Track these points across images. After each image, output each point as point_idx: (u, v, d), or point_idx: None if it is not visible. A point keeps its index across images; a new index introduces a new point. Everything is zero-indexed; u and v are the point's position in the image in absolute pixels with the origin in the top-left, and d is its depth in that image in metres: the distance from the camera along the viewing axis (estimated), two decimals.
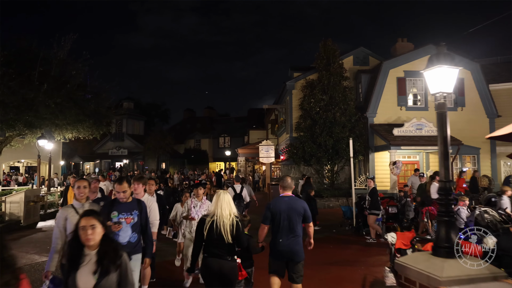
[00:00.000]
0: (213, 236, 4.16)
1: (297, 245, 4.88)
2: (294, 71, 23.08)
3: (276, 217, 4.89)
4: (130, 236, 4.45)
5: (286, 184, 5.11)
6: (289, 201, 4.96)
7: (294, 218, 4.87)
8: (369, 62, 21.54)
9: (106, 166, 44.17)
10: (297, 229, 4.89)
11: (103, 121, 19.96)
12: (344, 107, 18.40)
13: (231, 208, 4.32)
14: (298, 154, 18.75)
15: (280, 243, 4.84)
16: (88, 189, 4.57)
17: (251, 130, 36.18)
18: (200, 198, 6.82)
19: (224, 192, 4.47)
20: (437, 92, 4.24)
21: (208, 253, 4.23)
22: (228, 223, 4.18)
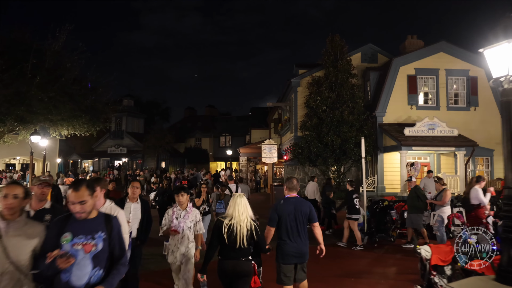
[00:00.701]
0: (229, 239, 4.19)
1: (305, 247, 4.88)
2: (299, 68, 22.27)
3: (283, 219, 4.84)
4: (90, 274, 2.88)
5: (292, 186, 5.05)
6: (295, 203, 4.92)
7: (301, 220, 4.85)
8: (377, 59, 20.71)
9: (105, 165, 43.35)
10: (305, 231, 4.89)
11: (100, 117, 19.16)
12: (352, 105, 17.58)
13: (247, 212, 4.35)
14: (303, 154, 17.92)
15: (289, 245, 4.80)
16: (19, 201, 2.99)
17: (253, 129, 35.37)
18: (184, 207, 5.41)
19: (240, 195, 4.46)
20: (504, 76, 3.40)
21: (223, 256, 4.27)
22: (246, 227, 4.24)
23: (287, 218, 4.82)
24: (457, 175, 16.13)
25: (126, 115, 44.69)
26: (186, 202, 5.42)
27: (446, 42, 18.04)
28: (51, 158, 29.38)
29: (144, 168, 38.35)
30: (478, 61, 17.91)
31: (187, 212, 5.38)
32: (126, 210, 5.34)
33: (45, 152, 20.37)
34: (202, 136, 49.09)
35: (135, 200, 5.55)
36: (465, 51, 18.03)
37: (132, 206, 5.51)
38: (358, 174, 19.67)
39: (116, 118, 44.84)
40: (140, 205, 5.59)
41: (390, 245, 10.25)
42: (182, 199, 5.35)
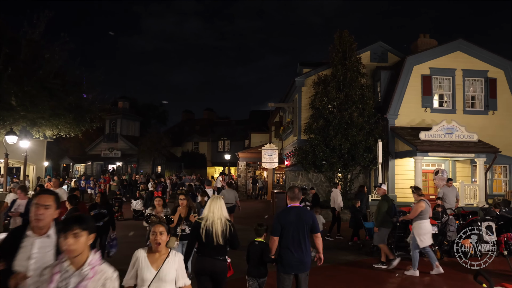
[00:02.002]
0: (206, 238, 4.48)
1: (307, 257, 4.84)
2: (304, 66, 20.95)
3: (285, 229, 4.82)
4: None
5: (294, 195, 5.02)
6: (298, 212, 4.90)
7: (304, 230, 4.83)
8: (388, 58, 19.37)
9: (98, 169, 41.83)
10: (307, 241, 4.86)
11: (85, 116, 17.68)
12: (362, 106, 16.21)
13: (222, 213, 4.61)
14: (308, 159, 16.50)
15: (292, 255, 4.77)
16: None
17: (253, 133, 33.92)
18: (77, 263, 2.44)
19: (217, 197, 4.77)
20: None
21: (202, 253, 4.56)
22: (221, 227, 4.51)
23: (290, 228, 4.79)
24: (476, 184, 14.72)
25: (120, 117, 43.25)
26: (82, 249, 2.45)
27: (464, 40, 16.70)
28: (37, 161, 27.79)
29: (140, 172, 36.83)
30: (498, 62, 16.61)
31: (82, 278, 2.41)
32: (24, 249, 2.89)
33: (26, 154, 18.83)
34: (200, 140, 47.63)
35: (42, 232, 2.96)
36: (484, 51, 16.71)
37: (36, 242, 2.93)
38: (366, 181, 18.28)
39: (110, 120, 43.44)
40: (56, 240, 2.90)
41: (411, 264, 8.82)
42: (72, 244, 2.39)
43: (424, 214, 8.01)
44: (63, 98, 15.79)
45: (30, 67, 14.73)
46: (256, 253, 5.14)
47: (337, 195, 12.39)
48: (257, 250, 5.14)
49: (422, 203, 8.04)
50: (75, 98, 16.44)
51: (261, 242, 5.22)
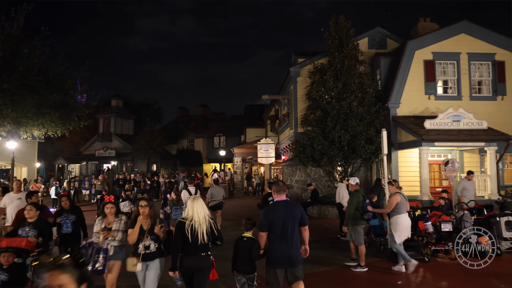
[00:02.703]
0: (191, 238, 4.60)
1: (296, 250, 4.78)
2: (299, 56, 19.94)
3: (273, 223, 4.74)
4: None
5: (280, 188, 4.97)
6: (286, 206, 4.83)
7: (292, 223, 4.75)
8: (387, 45, 18.35)
9: (93, 168, 40.83)
10: (296, 235, 4.79)
11: (72, 115, 16.66)
12: (361, 95, 15.21)
13: (204, 211, 4.77)
14: (305, 153, 15.49)
15: (279, 250, 4.71)
16: None
17: (248, 128, 32.92)
18: None
19: (196, 197, 4.89)
20: None
21: (186, 253, 4.66)
22: (205, 225, 4.69)
23: (278, 223, 4.71)
24: (487, 174, 13.77)
25: (114, 116, 42.29)
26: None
27: (468, 21, 15.68)
28: (29, 162, 26.87)
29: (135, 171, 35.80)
30: (506, 44, 15.62)
31: None
32: None
33: (13, 155, 17.84)
34: (195, 137, 46.54)
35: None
36: (490, 32, 15.69)
37: None
38: (367, 175, 17.34)
39: (104, 119, 42.55)
40: None
41: (424, 266, 7.87)
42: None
43: (400, 207, 7.56)
44: (47, 96, 14.78)
45: (10, 64, 13.73)
46: (244, 249, 5.05)
47: (343, 190, 11.39)
48: (245, 246, 5.05)
49: (397, 196, 7.62)
50: (60, 95, 15.40)
51: (250, 238, 5.14)
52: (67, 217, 6.71)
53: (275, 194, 4.99)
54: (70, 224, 6.57)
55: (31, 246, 5.47)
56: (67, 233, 6.56)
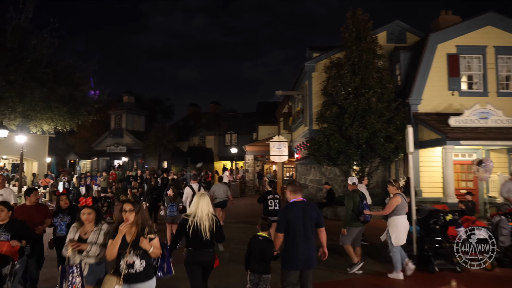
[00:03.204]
0: (196, 233, 4.65)
1: (313, 252, 4.72)
2: (313, 51, 19.19)
3: (291, 224, 4.67)
4: None
5: (296, 188, 4.91)
6: (303, 207, 4.77)
7: (310, 224, 4.71)
8: (406, 39, 17.50)
9: (104, 164, 40.63)
10: (313, 236, 4.74)
11: (81, 109, 16.21)
12: (380, 91, 14.43)
13: (209, 208, 4.82)
14: (321, 151, 14.77)
15: (298, 251, 4.63)
16: None
17: (260, 125, 32.19)
18: None
19: (202, 194, 4.97)
20: None
21: (193, 248, 4.73)
22: (208, 222, 4.72)
23: (296, 223, 4.65)
24: None
25: (126, 112, 42.03)
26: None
27: (495, 13, 14.78)
28: (40, 157, 26.59)
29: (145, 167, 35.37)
30: None
31: None
32: None
33: (22, 150, 17.49)
34: (207, 134, 46.06)
35: None
36: None
37: None
38: (385, 175, 16.56)
39: (115, 115, 42.36)
40: None
41: (457, 277, 7.14)
42: None
43: (400, 209, 7.27)
44: (55, 89, 14.35)
45: (18, 56, 13.31)
46: (259, 248, 4.97)
47: (362, 191, 10.68)
48: (260, 246, 4.97)
49: (398, 197, 7.31)
50: (68, 89, 14.96)
51: (265, 238, 5.06)
52: (62, 218, 6.11)
53: (291, 195, 4.88)
54: (65, 227, 5.94)
55: (13, 252, 4.83)
56: (61, 236, 5.86)
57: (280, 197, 9.76)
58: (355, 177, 8.33)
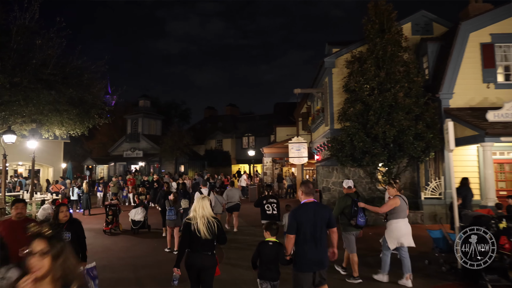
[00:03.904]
0: (195, 236, 4.72)
1: (325, 254, 4.68)
2: (333, 46, 18.12)
3: (302, 225, 4.57)
4: None
5: (309, 190, 4.79)
6: (314, 208, 4.67)
7: (321, 226, 4.61)
8: (433, 30, 16.33)
9: (121, 169, 40.24)
10: (325, 237, 4.67)
11: (91, 112, 15.52)
12: (408, 85, 13.33)
13: (208, 211, 4.87)
14: (344, 151, 13.73)
15: (310, 253, 4.55)
16: None
17: (278, 127, 31.24)
18: None
19: (203, 198, 4.99)
20: None
21: (192, 249, 4.78)
22: (207, 225, 4.76)
23: (307, 225, 4.55)
24: None
25: (142, 117, 41.62)
26: None
27: None
28: (55, 163, 26.26)
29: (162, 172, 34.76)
30: None
31: None
32: None
33: (34, 155, 17.00)
34: (223, 137, 45.36)
35: None
36: None
37: None
38: (413, 176, 15.41)
39: (132, 119, 42.05)
40: None
41: None
42: None
43: (398, 212, 6.92)
44: (63, 91, 13.69)
45: (25, 57, 12.69)
46: (269, 254, 4.82)
47: None
48: (271, 251, 4.82)
49: (397, 199, 6.94)
50: (77, 91, 14.28)
51: (276, 243, 4.88)
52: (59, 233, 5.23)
53: (303, 196, 4.80)
54: None
55: None
56: None
57: (277, 201, 9.73)
58: (351, 181, 7.96)
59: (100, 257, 9.19)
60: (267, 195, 9.71)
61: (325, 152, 18.94)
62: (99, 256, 9.27)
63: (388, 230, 6.99)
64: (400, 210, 6.91)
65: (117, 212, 13.33)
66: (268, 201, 9.51)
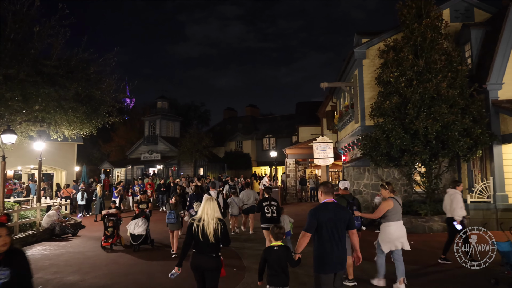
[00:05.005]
0: (199, 237, 4.69)
1: (345, 254, 4.57)
2: (362, 36, 16.67)
3: (323, 226, 4.44)
4: None
5: (328, 190, 4.71)
6: (335, 208, 4.58)
7: (341, 226, 4.51)
8: (474, 16, 14.76)
9: (139, 173, 39.47)
10: (344, 237, 4.55)
11: (100, 109, 14.41)
12: (451, 75, 11.83)
13: (214, 213, 4.81)
14: (379, 150, 12.30)
15: (331, 253, 4.42)
16: None
17: (301, 127, 29.85)
18: None
19: (210, 199, 4.94)
20: None
21: (196, 251, 4.77)
22: (213, 226, 4.72)
23: (327, 225, 4.43)
24: None
25: (160, 118, 40.80)
26: None
27: None
28: (68, 166, 25.43)
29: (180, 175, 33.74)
30: None
31: None
32: None
33: (41, 157, 16.05)
34: (243, 138, 44.19)
35: None
36: None
37: None
38: (454, 177, 13.83)
39: (149, 121, 41.28)
40: None
41: None
42: None
43: (391, 214, 6.66)
44: (67, 86, 12.61)
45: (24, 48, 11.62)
46: (277, 259, 4.65)
47: (457, 199, 8.24)
48: (278, 256, 4.65)
49: (390, 202, 6.69)
50: (83, 86, 13.17)
51: (281, 246, 4.75)
52: None
53: (322, 196, 4.71)
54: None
55: None
56: None
57: (277, 203, 9.48)
58: (347, 181, 7.42)
59: None
60: (267, 197, 9.51)
61: (354, 151, 17.51)
62: None
63: (382, 233, 6.76)
64: (393, 213, 6.64)
65: (118, 223, 11.26)
66: (269, 204, 9.28)
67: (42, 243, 12.28)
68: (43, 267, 9.12)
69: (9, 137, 11.94)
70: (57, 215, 13.62)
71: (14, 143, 12.45)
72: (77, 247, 11.45)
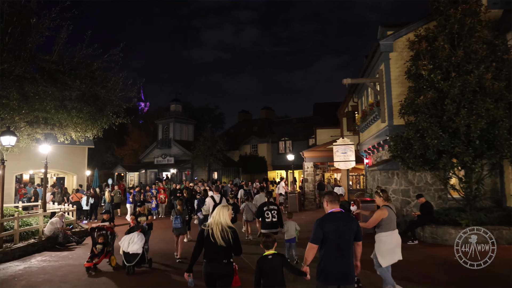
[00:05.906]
0: (210, 245, 4.65)
1: (351, 267, 4.36)
2: (387, 28, 15.37)
3: (329, 236, 4.30)
4: None
5: (334, 198, 4.60)
6: (342, 218, 4.41)
7: (349, 237, 4.34)
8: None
9: (152, 177, 38.60)
10: (351, 249, 4.40)
11: (105, 110, 13.39)
12: (496, 65, 10.42)
13: (225, 220, 4.76)
14: (412, 151, 10.92)
15: (335, 265, 4.25)
16: None
17: (319, 129, 28.46)
18: None
19: (222, 206, 4.88)
20: None
21: (207, 258, 4.72)
22: (223, 234, 4.64)
23: (334, 235, 4.28)
24: None
25: (173, 121, 39.93)
26: None
27: None
28: (79, 170, 24.60)
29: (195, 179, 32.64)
30: None
31: None
32: None
33: (46, 161, 15.13)
34: (259, 142, 42.97)
35: None
36: None
37: None
38: (495, 181, 12.38)
39: (163, 125, 40.51)
40: None
41: None
42: None
43: (385, 224, 6.29)
44: (69, 84, 11.64)
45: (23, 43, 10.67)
46: (273, 268, 4.49)
47: None
48: (273, 265, 4.50)
49: (384, 210, 6.29)
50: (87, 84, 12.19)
51: (275, 254, 4.59)
52: None
53: (328, 205, 4.55)
54: None
55: None
56: None
57: (278, 208, 9.22)
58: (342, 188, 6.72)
59: None
60: (267, 201, 9.36)
61: (379, 154, 16.14)
62: None
63: (378, 245, 6.43)
64: (388, 222, 6.36)
65: (110, 240, 9.42)
66: (268, 208, 9.08)
67: (43, 253, 11.40)
68: (35, 284, 8.10)
69: (8, 139, 10.99)
70: (60, 222, 12.71)
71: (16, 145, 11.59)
72: (78, 258, 10.54)
